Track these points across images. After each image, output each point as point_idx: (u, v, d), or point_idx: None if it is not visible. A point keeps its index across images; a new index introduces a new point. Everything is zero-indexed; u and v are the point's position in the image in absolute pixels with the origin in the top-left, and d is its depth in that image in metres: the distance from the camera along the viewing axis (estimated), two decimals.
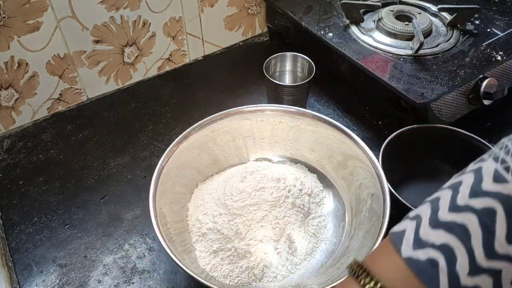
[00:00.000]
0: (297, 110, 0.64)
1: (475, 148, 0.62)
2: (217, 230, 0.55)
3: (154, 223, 0.50)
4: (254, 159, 0.67)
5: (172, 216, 0.55)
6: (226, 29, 0.91)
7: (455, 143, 0.63)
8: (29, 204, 0.65)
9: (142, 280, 0.56)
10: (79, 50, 0.75)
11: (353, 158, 0.60)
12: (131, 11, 0.76)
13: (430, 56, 0.71)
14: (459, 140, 0.63)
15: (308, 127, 0.64)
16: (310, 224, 0.58)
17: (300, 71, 0.77)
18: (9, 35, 0.66)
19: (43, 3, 0.66)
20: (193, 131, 0.60)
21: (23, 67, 0.71)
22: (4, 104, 0.73)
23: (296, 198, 0.58)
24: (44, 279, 0.57)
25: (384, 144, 0.61)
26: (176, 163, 0.58)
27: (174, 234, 0.53)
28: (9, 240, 0.61)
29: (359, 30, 0.77)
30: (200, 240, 0.56)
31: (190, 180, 0.62)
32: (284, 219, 0.56)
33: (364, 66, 0.69)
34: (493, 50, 0.71)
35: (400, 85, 0.66)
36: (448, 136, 0.64)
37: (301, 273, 0.55)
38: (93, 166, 0.71)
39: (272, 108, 0.64)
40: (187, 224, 0.58)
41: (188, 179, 0.62)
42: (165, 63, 0.87)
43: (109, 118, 0.79)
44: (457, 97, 0.67)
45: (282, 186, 0.58)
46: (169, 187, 0.57)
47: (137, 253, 0.59)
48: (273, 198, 0.56)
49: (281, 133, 0.66)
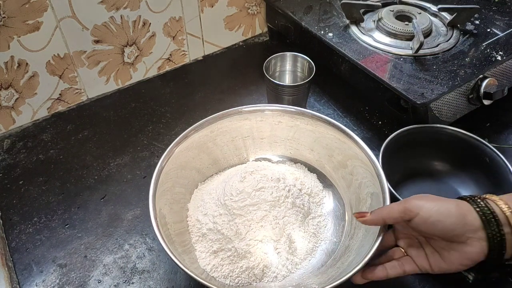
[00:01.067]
0: (296, 110, 0.64)
1: (475, 148, 0.62)
2: (217, 230, 0.55)
3: (154, 224, 0.50)
4: (254, 159, 0.67)
5: (172, 216, 0.55)
6: (226, 29, 0.91)
7: (455, 143, 0.63)
8: (29, 204, 0.65)
9: (142, 280, 0.56)
10: (79, 50, 0.75)
11: (352, 158, 0.60)
12: (131, 11, 0.76)
13: (430, 56, 0.71)
14: (459, 140, 0.63)
15: (307, 127, 0.64)
16: (310, 224, 0.58)
17: (300, 71, 0.77)
18: (9, 35, 0.66)
19: (43, 3, 0.66)
20: (192, 131, 0.60)
21: (23, 67, 0.71)
22: (4, 104, 0.73)
23: (296, 198, 0.58)
24: (44, 279, 0.57)
25: (384, 144, 0.61)
26: (176, 163, 0.58)
27: (174, 235, 0.53)
28: (9, 240, 0.61)
29: (359, 30, 0.77)
30: (200, 241, 0.56)
31: (190, 181, 0.62)
32: (284, 219, 0.56)
33: (364, 66, 0.69)
34: (493, 50, 0.71)
35: (400, 85, 0.66)
36: (448, 136, 0.64)
37: (301, 272, 0.55)
38: (93, 166, 0.71)
39: (271, 108, 0.64)
40: (187, 224, 0.58)
41: (188, 180, 0.62)
42: (165, 63, 0.87)
43: (109, 118, 0.79)
44: (457, 97, 0.67)
45: (281, 186, 0.58)
46: (168, 188, 0.57)
47: (137, 253, 0.59)
48: (273, 198, 0.56)
49: (280, 133, 0.66)
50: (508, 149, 0.70)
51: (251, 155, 0.67)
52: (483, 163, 0.61)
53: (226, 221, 0.55)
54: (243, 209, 0.55)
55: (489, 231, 0.41)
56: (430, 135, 0.65)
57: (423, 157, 0.66)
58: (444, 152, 0.65)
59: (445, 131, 0.64)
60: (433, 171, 0.66)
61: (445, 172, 0.66)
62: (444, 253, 0.44)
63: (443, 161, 0.66)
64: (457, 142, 0.63)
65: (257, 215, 0.55)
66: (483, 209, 0.42)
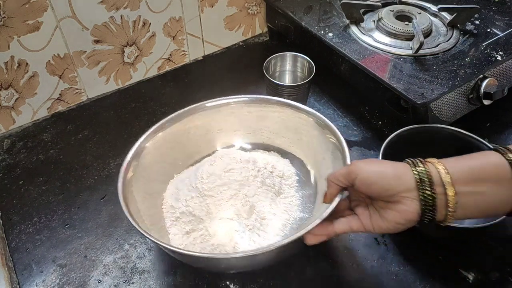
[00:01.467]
0: (261, 98, 0.65)
1: (475, 148, 0.62)
2: (189, 212, 0.57)
3: (125, 211, 0.50)
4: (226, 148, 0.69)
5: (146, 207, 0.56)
6: (226, 29, 0.91)
7: (455, 143, 0.63)
8: (29, 204, 0.65)
9: (142, 280, 0.56)
10: (79, 50, 0.75)
11: (319, 136, 0.61)
12: (131, 11, 0.76)
13: (430, 56, 0.71)
14: (459, 140, 0.63)
15: (275, 114, 0.65)
16: (282, 203, 0.60)
17: (300, 71, 0.77)
18: (9, 35, 0.66)
19: (43, 3, 0.66)
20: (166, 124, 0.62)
21: (23, 67, 0.71)
22: (4, 104, 0.73)
23: (265, 178, 0.59)
24: (44, 279, 0.57)
25: (384, 144, 0.61)
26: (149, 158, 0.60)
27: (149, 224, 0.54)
28: (9, 240, 0.61)
29: (359, 30, 0.77)
30: (174, 225, 0.57)
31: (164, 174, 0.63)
32: (254, 197, 0.57)
33: (364, 66, 0.69)
34: (493, 50, 0.71)
35: (400, 85, 0.66)
36: (448, 136, 0.64)
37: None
38: (93, 166, 0.71)
39: (236, 100, 0.66)
40: (162, 211, 0.59)
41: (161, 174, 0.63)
42: (165, 63, 0.87)
43: (109, 118, 0.79)
44: (457, 97, 0.67)
45: (251, 166, 0.59)
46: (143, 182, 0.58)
47: (137, 253, 0.59)
48: (242, 178, 0.58)
49: (251, 123, 0.67)
50: None
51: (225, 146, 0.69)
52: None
53: (198, 203, 0.57)
54: (213, 190, 0.57)
55: (421, 191, 0.42)
56: (430, 135, 0.64)
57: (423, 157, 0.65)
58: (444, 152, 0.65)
59: (445, 131, 0.64)
60: None
61: None
62: (382, 212, 0.46)
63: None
64: (457, 142, 0.63)
65: (227, 194, 0.57)
66: (420, 170, 0.44)
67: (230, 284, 0.55)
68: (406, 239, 0.59)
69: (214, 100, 0.65)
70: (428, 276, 0.55)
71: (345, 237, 0.60)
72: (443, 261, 0.57)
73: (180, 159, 0.65)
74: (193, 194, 0.57)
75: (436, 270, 0.56)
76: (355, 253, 0.58)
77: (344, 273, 0.56)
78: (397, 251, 0.58)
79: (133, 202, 0.54)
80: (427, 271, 0.56)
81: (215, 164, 0.59)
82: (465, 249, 0.58)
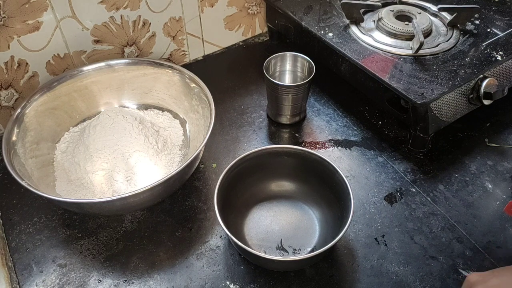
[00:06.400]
0: (151, 61, 0.72)
1: (313, 162, 0.59)
2: (75, 162, 0.64)
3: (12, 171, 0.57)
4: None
5: (36, 160, 0.63)
6: (226, 29, 0.91)
7: (295, 160, 0.61)
8: (29, 204, 0.65)
9: (142, 280, 0.56)
10: (79, 50, 0.75)
11: (194, 94, 0.69)
12: (131, 11, 0.76)
13: (430, 56, 0.71)
14: (298, 156, 0.60)
15: (166, 77, 0.72)
16: (163, 159, 0.65)
17: (300, 71, 0.77)
18: (9, 35, 0.66)
19: (43, 3, 0.66)
20: (61, 80, 0.68)
21: (23, 67, 0.71)
22: (4, 104, 0.73)
23: (149, 136, 0.65)
24: (44, 279, 0.57)
25: (217, 185, 0.60)
26: (40, 109, 0.66)
27: (36, 176, 0.61)
28: (9, 240, 0.61)
29: (359, 30, 0.77)
30: (60, 174, 0.64)
31: (60, 124, 0.69)
32: (136, 152, 0.63)
33: (364, 66, 0.69)
34: (493, 50, 0.71)
35: (400, 85, 0.66)
36: (286, 154, 0.61)
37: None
38: None
39: (118, 62, 0.72)
40: (53, 160, 0.66)
41: (51, 134, 0.68)
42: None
43: None
44: (457, 97, 0.67)
45: (136, 124, 0.65)
46: (32, 136, 0.64)
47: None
48: (126, 133, 0.64)
49: (147, 84, 0.73)
50: (508, 149, 0.70)
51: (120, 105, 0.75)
52: (322, 174, 0.59)
53: (82, 153, 0.64)
54: (97, 143, 0.63)
55: None
56: (264, 159, 0.61)
57: (261, 181, 0.63)
58: (286, 171, 0.63)
59: (284, 150, 0.61)
60: (279, 192, 0.63)
61: (291, 190, 0.63)
62: None
63: (287, 180, 0.64)
64: (297, 158, 0.61)
65: (111, 148, 0.63)
66: None
67: (230, 284, 0.55)
68: (406, 238, 0.59)
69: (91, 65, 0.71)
70: (429, 276, 0.55)
71: (345, 237, 0.60)
72: (443, 261, 0.57)
73: (77, 113, 0.72)
74: (80, 148, 0.64)
75: (436, 270, 0.56)
76: (355, 253, 0.58)
77: (344, 273, 0.56)
78: (397, 251, 0.58)
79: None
80: (427, 271, 0.56)
81: (102, 119, 0.66)
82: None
